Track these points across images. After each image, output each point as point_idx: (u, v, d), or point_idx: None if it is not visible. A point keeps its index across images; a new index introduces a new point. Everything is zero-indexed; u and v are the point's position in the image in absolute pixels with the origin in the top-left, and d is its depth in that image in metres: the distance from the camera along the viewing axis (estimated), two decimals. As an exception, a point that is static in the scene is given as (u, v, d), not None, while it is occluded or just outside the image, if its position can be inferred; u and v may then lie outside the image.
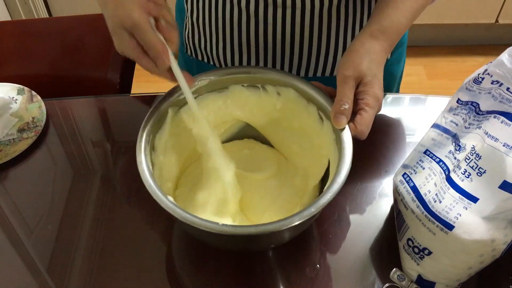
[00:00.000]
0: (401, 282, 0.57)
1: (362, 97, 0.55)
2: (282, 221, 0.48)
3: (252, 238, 0.51)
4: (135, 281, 0.59)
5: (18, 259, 0.62)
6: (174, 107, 0.61)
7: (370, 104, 0.54)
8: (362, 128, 0.54)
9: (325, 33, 0.73)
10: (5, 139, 0.75)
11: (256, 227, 0.49)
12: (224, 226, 0.48)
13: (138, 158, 0.53)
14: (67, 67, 1.11)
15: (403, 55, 0.88)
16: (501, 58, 0.53)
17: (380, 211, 0.65)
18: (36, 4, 1.92)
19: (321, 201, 0.49)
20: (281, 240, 0.57)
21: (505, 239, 0.51)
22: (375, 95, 0.55)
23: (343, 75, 0.55)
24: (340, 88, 0.55)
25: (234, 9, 0.72)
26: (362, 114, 0.54)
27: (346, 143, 0.54)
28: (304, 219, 0.48)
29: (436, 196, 0.53)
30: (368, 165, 0.70)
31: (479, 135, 0.52)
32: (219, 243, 0.58)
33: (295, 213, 0.49)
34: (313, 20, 0.71)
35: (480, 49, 2.14)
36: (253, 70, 0.64)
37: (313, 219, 0.54)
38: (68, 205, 0.68)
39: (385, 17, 0.59)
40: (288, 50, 0.75)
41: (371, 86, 0.55)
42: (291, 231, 0.54)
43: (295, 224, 0.48)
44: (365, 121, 0.54)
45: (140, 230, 0.65)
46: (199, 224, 0.48)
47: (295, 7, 0.69)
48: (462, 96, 0.58)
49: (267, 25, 0.72)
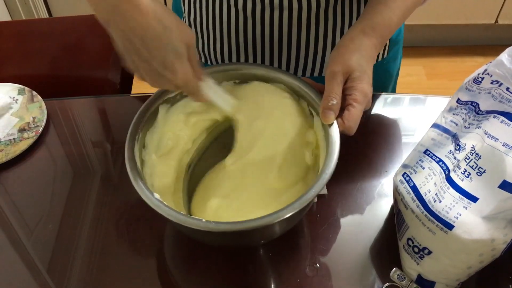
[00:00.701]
0: (401, 281, 0.57)
1: (350, 92, 0.55)
2: (266, 217, 0.48)
3: (239, 234, 0.51)
4: (135, 280, 0.59)
5: (18, 259, 0.62)
6: (166, 104, 0.61)
7: (358, 99, 0.54)
8: (350, 123, 0.54)
9: (321, 34, 0.73)
10: (6, 139, 0.75)
11: (240, 223, 0.49)
12: (208, 223, 0.48)
13: (126, 155, 0.54)
14: (67, 67, 1.11)
15: (399, 53, 0.88)
16: (500, 58, 0.54)
17: (380, 211, 0.65)
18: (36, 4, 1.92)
19: (307, 196, 0.50)
20: (270, 235, 0.57)
21: (505, 239, 0.51)
22: (363, 91, 0.55)
23: (331, 71, 0.55)
24: (328, 84, 0.55)
25: (231, 10, 0.72)
26: (350, 110, 0.54)
27: (334, 138, 0.54)
28: (289, 214, 0.48)
29: (436, 195, 0.53)
30: (368, 165, 0.70)
31: (479, 135, 0.52)
32: (208, 240, 0.58)
33: (281, 208, 0.49)
34: (310, 21, 0.71)
35: (479, 49, 2.14)
36: (242, 67, 0.64)
37: (300, 214, 0.53)
38: (68, 205, 0.68)
39: (376, 14, 0.59)
40: (285, 51, 0.75)
41: (359, 81, 0.55)
42: (279, 226, 0.54)
43: (281, 219, 0.48)
44: (353, 117, 0.54)
45: (140, 230, 0.65)
46: (184, 221, 0.49)
47: (292, 9, 0.70)
48: (462, 96, 0.59)
49: (264, 27, 0.72)
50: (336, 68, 0.55)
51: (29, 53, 1.10)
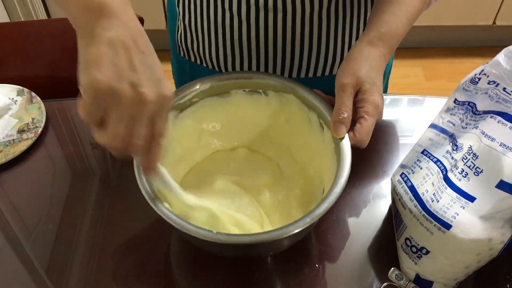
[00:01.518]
0: (399, 281, 0.57)
1: (362, 105, 0.54)
2: (277, 231, 0.48)
3: (249, 247, 0.51)
4: (134, 281, 0.59)
5: (17, 260, 0.62)
6: (174, 111, 0.61)
7: (369, 112, 0.54)
8: (362, 136, 0.53)
9: (316, 35, 0.73)
10: (5, 140, 0.75)
11: (250, 236, 0.49)
12: (219, 235, 0.48)
13: (135, 162, 0.53)
14: (66, 68, 1.11)
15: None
16: (497, 58, 0.54)
17: (378, 211, 0.65)
18: (34, 5, 1.92)
19: (317, 211, 0.49)
20: (279, 248, 0.57)
21: (502, 238, 0.51)
22: (375, 103, 0.54)
23: (341, 83, 0.55)
24: (339, 97, 0.55)
25: (226, 13, 0.72)
26: (362, 123, 0.54)
27: (345, 153, 0.53)
28: (299, 229, 0.48)
29: (433, 195, 0.53)
30: (366, 166, 0.71)
31: (476, 135, 0.52)
32: (216, 250, 0.57)
33: (291, 222, 0.48)
34: (304, 23, 0.71)
35: (477, 50, 2.14)
36: (254, 76, 0.64)
37: (309, 229, 0.53)
38: (67, 206, 0.68)
39: (383, 23, 0.59)
40: (280, 53, 0.75)
41: (370, 93, 0.54)
42: (288, 240, 0.54)
43: (291, 234, 0.48)
44: (364, 130, 0.53)
45: (139, 231, 0.65)
46: (194, 231, 0.48)
47: (286, 11, 0.70)
48: (459, 96, 0.59)
49: (259, 29, 0.72)
50: (346, 81, 0.55)
51: (28, 54, 1.10)
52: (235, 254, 0.59)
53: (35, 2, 1.91)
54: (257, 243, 0.48)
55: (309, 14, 0.71)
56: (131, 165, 0.53)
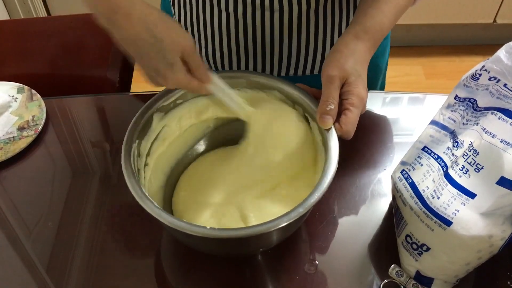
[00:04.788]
0: (400, 278, 0.57)
1: (347, 97, 0.55)
2: (269, 223, 0.48)
3: (240, 241, 0.51)
4: (134, 280, 0.59)
5: (17, 258, 0.62)
6: (159, 113, 0.61)
7: (354, 104, 0.54)
8: (348, 127, 0.54)
9: (312, 34, 0.74)
10: (5, 137, 0.75)
11: (244, 229, 0.49)
12: (212, 230, 0.47)
13: (123, 164, 0.54)
14: (66, 66, 1.11)
15: (387, 47, 0.88)
16: (498, 54, 0.54)
17: (378, 208, 0.65)
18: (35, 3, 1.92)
19: (309, 201, 0.49)
20: (269, 243, 0.56)
21: (503, 235, 0.51)
22: (360, 95, 0.55)
23: (328, 75, 0.55)
24: (325, 88, 0.55)
25: (222, 13, 0.72)
26: (347, 114, 0.54)
27: (332, 143, 0.54)
28: (291, 220, 0.48)
29: (434, 192, 0.53)
30: (366, 163, 0.71)
31: (477, 131, 0.52)
32: (207, 248, 0.57)
33: (282, 214, 0.48)
34: (300, 22, 0.72)
35: (478, 48, 2.14)
36: (238, 75, 0.63)
37: (301, 220, 0.53)
38: (67, 203, 0.68)
39: (368, 17, 0.60)
40: (277, 51, 0.75)
41: (355, 86, 0.55)
42: (279, 233, 0.54)
43: (283, 226, 0.48)
44: (350, 121, 0.54)
45: (138, 230, 0.65)
46: (186, 228, 0.48)
47: (282, 10, 0.70)
48: (459, 92, 0.59)
49: (255, 28, 0.72)
50: (333, 73, 0.55)
51: (28, 52, 1.10)
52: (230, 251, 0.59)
53: (35, 0, 1.91)
54: (253, 235, 0.48)
55: (305, 12, 0.71)
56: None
